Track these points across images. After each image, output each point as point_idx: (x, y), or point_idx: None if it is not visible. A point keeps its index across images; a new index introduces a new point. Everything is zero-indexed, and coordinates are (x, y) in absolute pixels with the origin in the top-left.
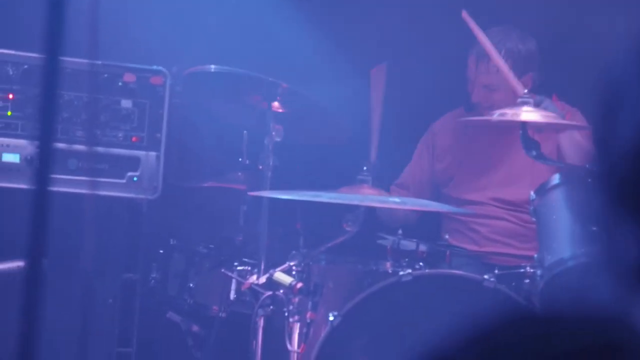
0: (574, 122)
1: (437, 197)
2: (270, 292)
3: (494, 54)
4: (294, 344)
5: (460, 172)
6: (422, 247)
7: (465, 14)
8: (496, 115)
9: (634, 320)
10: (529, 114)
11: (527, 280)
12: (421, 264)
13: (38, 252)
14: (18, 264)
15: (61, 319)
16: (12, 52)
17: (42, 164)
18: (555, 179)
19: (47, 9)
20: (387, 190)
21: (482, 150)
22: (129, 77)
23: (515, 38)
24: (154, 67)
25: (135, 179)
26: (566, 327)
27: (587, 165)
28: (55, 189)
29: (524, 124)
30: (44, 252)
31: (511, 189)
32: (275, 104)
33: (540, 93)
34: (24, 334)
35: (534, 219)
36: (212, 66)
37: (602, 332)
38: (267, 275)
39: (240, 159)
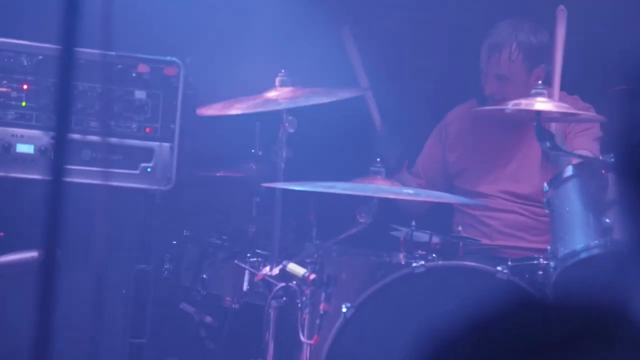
0: (587, 113)
1: (450, 190)
2: (283, 284)
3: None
4: (307, 336)
5: (472, 164)
6: (435, 239)
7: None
8: (510, 106)
9: None
10: (543, 104)
11: (540, 272)
12: (434, 255)
13: (52, 242)
14: (32, 254)
15: (74, 309)
16: (27, 42)
17: (57, 155)
18: (569, 170)
19: (62, 0)
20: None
21: (494, 143)
22: (143, 68)
23: (527, 30)
24: (168, 58)
25: (148, 169)
26: (579, 319)
27: (602, 157)
28: (69, 179)
29: (538, 115)
30: (59, 243)
31: (523, 182)
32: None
33: (547, 83)
34: (38, 324)
35: (547, 211)
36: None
37: (615, 323)
38: (280, 267)
39: (253, 150)
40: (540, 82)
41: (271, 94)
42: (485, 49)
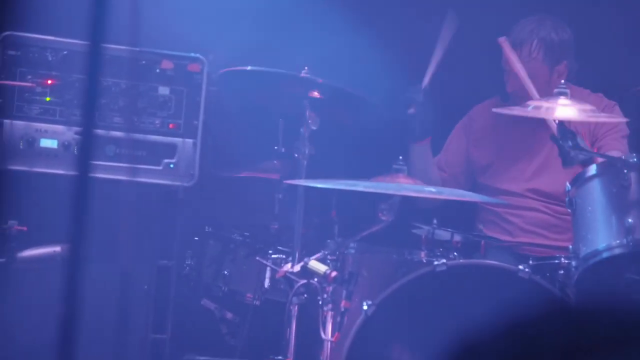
0: (612, 115)
1: (473, 186)
2: (304, 281)
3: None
4: (328, 333)
5: (496, 160)
6: (457, 237)
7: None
8: (530, 109)
9: None
10: (563, 108)
11: (561, 271)
12: (455, 253)
13: (77, 237)
14: (55, 248)
15: (97, 304)
16: (52, 37)
17: (83, 151)
18: (592, 170)
19: None
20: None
21: (517, 140)
22: (167, 64)
23: (548, 27)
24: (192, 54)
25: (171, 165)
26: (600, 318)
27: (624, 157)
28: (92, 175)
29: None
30: (83, 238)
31: (546, 180)
32: (314, 93)
33: (570, 79)
34: (63, 318)
35: (569, 210)
36: (249, 67)
37: (636, 323)
38: (301, 264)
39: (276, 147)
40: (562, 80)
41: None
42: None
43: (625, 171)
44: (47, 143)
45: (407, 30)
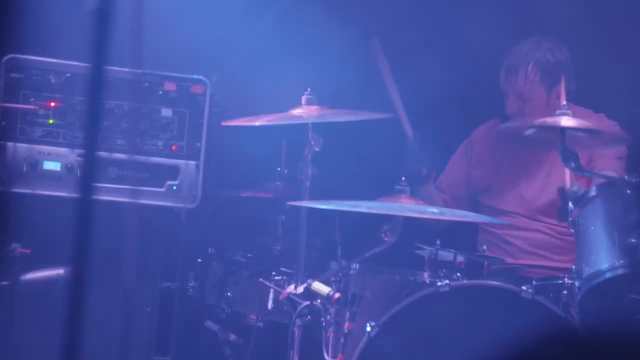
0: (613, 131)
1: (474, 205)
2: (308, 302)
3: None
4: (331, 354)
5: (496, 182)
6: (460, 258)
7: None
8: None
9: None
10: (568, 122)
11: (565, 292)
12: (459, 274)
13: (80, 259)
14: (58, 271)
15: (100, 326)
16: (55, 60)
17: (85, 173)
18: (594, 190)
19: (91, 18)
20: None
21: (517, 162)
22: (169, 86)
23: (544, 49)
24: (194, 76)
25: (174, 187)
26: (603, 339)
27: (627, 177)
28: (95, 197)
29: (563, 137)
30: (86, 260)
31: (547, 201)
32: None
33: (570, 100)
34: (66, 341)
35: (572, 230)
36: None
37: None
38: (305, 285)
39: (279, 169)
40: (564, 102)
41: (297, 112)
42: (504, 69)
43: (628, 191)
44: (50, 165)
45: (408, 50)
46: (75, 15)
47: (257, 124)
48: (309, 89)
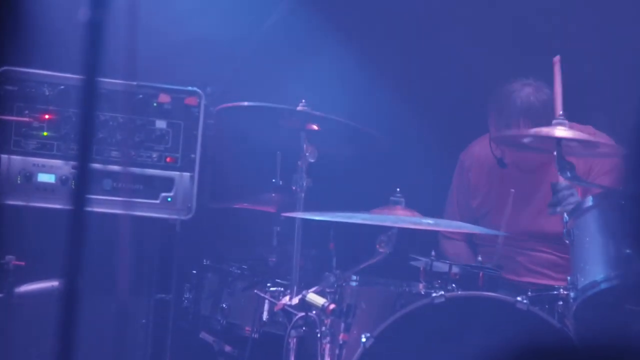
0: (607, 142)
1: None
2: (303, 313)
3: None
4: None
5: (494, 207)
6: (455, 269)
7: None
8: (531, 133)
9: None
10: (563, 132)
11: (560, 302)
12: (454, 285)
13: (74, 271)
14: (53, 283)
15: (95, 338)
16: (49, 72)
17: (79, 185)
18: (589, 201)
19: (85, 30)
20: None
21: (514, 185)
22: (164, 98)
23: (529, 94)
24: (189, 87)
25: (169, 199)
26: (599, 350)
27: (621, 187)
28: (90, 209)
29: (559, 147)
30: (80, 272)
31: (545, 222)
32: (312, 126)
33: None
34: (61, 353)
35: (567, 241)
36: (245, 103)
37: (635, 354)
38: (300, 296)
39: (273, 180)
40: (560, 112)
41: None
42: (494, 121)
43: (623, 202)
44: (45, 178)
45: (407, 61)
46: (68, 28)
47: (245, 104)
48: (303, 101)
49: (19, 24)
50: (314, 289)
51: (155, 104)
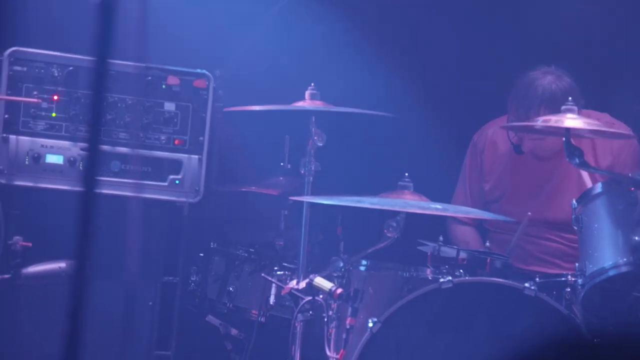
0: (619, 130)
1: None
2: (310, 297)
3: None
4: (333, 350)
5: (506, 192)
6: (463, 254)
7: None
8: (540, 122)
9: None
10: (573, 121)
11: (568, 289)
12: (461, 271)
13: (82, 253)
14: (60, 264)
15: (102, 321)
16: (57, 53)
17: (88, 166)
18: (598, 187)
19: (95, 12)
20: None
21: (527, 171)
22: (173, 80)
23: (550, 82)
24: (198, 70)
25: (177, 182)
26: (606, 337)
27: (631, 174)
28: (97, 190)
29: (568, 133)
30: (88, 254)
31: (556, 210)
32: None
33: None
34: (67, 334)
35: (575, 227)
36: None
37: None
38: (307, 281)
39: (282, 164)
40: (570, 97)
41: (300, 105)
42: (514, 109)
43: (632, 189)
44: (53, 159)
45: (414, 45)
46: (77, 8)
47: (256, 108)
48: (312, 84)
49: (28, 4)
50: (321, 273)
51: (164, 86)
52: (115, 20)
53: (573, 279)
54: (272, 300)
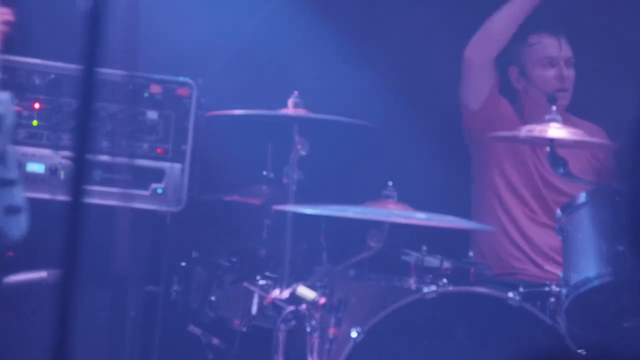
0: (599, 140)
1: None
2: (292, 307)
3: None
4: None
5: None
6: (446, 264)
7: None
8: (524, 132)
9: None
10: (556, 131)
11: (552, 299)
12: (445, 280)
13: (66, 263)
14: (41, 274)
15: (84, 330)
16: (39, 61)
17: (75, 175)
18: (582, 197)
19: (81, 21)
20: None
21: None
22: (155, 89)
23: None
24: (180, 78)
25: (159, 190)
26: (591, 347)
27: (614, 184)
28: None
29: (552, 142)
30: (72, 264)
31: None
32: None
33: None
34: (49, 344)
35: (560, 237)
36: (237, 111)
37: (628, 350)
38: (290, 290)
39: (264, 172)
40: (554, 107)
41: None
42: (531, 65)
43: (616, 198)
44: (34, 167)
45: (398, 54)
46: (57, 16)
47: (238, 112)
48: (295, 92)
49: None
50: (304, 282)
51: (146, 95)
52: (97, 29)
53: (557, 288)
54: (254, 309)
